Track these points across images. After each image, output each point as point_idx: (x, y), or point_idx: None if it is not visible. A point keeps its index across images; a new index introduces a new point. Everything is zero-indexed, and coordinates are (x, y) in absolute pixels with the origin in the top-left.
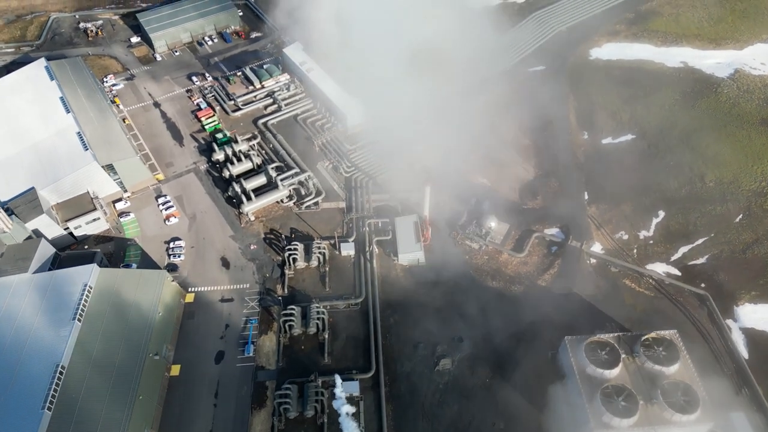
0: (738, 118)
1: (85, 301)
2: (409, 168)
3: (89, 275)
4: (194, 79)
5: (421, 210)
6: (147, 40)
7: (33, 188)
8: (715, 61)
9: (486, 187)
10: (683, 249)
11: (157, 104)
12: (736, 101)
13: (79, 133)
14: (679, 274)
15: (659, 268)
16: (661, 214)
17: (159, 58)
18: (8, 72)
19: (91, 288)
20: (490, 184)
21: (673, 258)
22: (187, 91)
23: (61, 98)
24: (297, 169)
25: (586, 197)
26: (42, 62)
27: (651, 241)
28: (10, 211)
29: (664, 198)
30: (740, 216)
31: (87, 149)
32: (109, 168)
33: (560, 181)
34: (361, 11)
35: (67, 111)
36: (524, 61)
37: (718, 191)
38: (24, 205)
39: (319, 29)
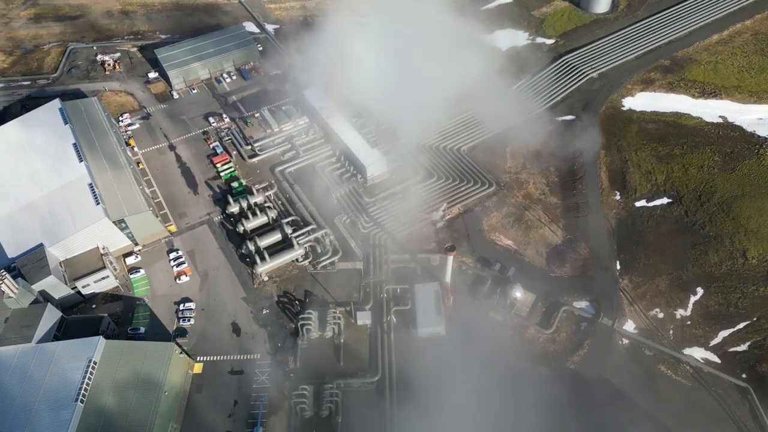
0: None
1: (89, 379)
2: (430, 225)
3: (94, 349)
4: (211, 119)
5: (443, 276)
6: (164, 76)
7: (42, 245)
8: (756, 116)
9: (511, 249)
10: (723, 333)
11: (172, 147)
12: None
13: (91, 184)
14: (719, 361)
15: (697, 354)
16: (700, 291)
17: (176, 96)
18: (23, 108)
19: (95, 364)
20: (515, 247)
21: (712, 343)
22: (204, 132)
23: (75, 145)
24: (313, 225)
25: (618, 267)
26: (56, 103)
27: (688, 322)
28: (16, 271)
29: (702, 273)
30: None
31: (99, 203)
32: (121, 222)
33: (591, 248)
34: (384, 56)
35: (80, 159)
36: (553, 108)
37: (762, 270)
38: (31, 264)
39: (341, 72)
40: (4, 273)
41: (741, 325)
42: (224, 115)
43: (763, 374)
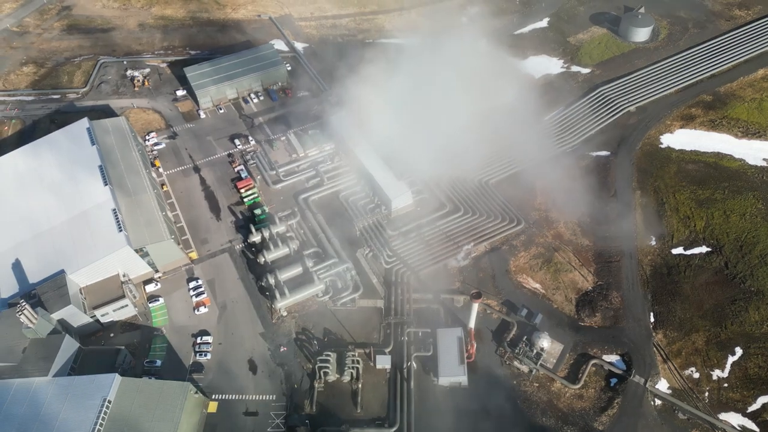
0: None
1: (102, 418)
2: (455, 262)
3: (109, 387)
4: (237, 142)
5: (467, 321)
6: (192, 94)
7: (63, 273)
8: None
9: (539, 293)
10: (763, 399)
11: (197, 168)
12: None
13: (114, 210)
14: (757, 430)
15: (734, 420)
16: (738, 351)
17: (203, 115)
18: (52, 123)
19: (110, 403)
20: (543, 291)
21: (750, 409)
22: (229, 155)
23: (100, 167)
24: (335, 259)
25: (652, 320)
26: (84, 123)
27: (725, 384)
28: (37, 298)
29: (742, 332)
30: None
31: (121, 230)
32: (142, 249)
33: (623, 296)
34: (413, 81)
35: (105, 183)
36: (587, 142)
37: None
38: (52, 291)
39: (370, 100)
40: (24, 304)
41: None
42: (250, 138)
43: None
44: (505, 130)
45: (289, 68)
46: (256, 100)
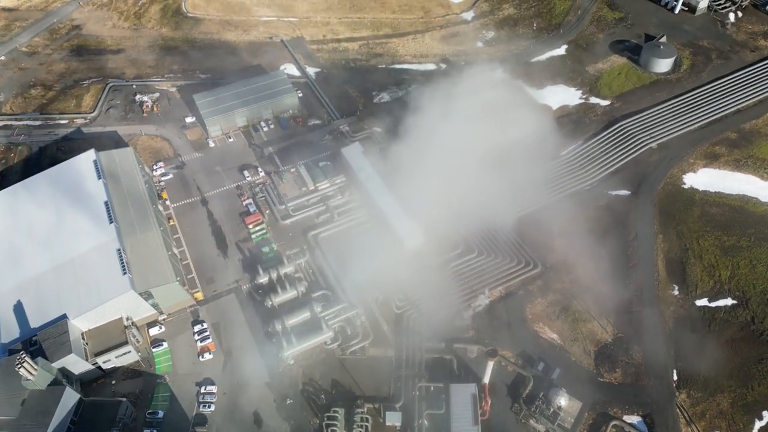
0: None
1: None
2: (469, 309)
3: None
4: (246, 173)
5: (481, 376)
6: (201, 122)
7: (65, 317)
8: None
9: (556, 345)
10: None
11: (204, 201)
12: None
13: (119, 250)
14: None
15: None
16: (766, 416)
17: (212, 144)
18: (58, 150)
19: None
20: (561, 342)
21: None
22: (237, 187)
23: (106, 203)
24: (344, 303)
25: (675, 378)
26: (91, 155)
27: None
28: (37, 344)
29: None
30: None
31: (125, 272)
32: (147, 292)
33: (644, 351)
34: (427, 116)
35: (110, 221)
36: (606, 181)
37: None
38: (53, 339)
39: (382, 132)
40: (24, 355)
41: None
42: (259, 169)
43: None
44: (521, 166)
45: (300, 95)
46: (266, 129)
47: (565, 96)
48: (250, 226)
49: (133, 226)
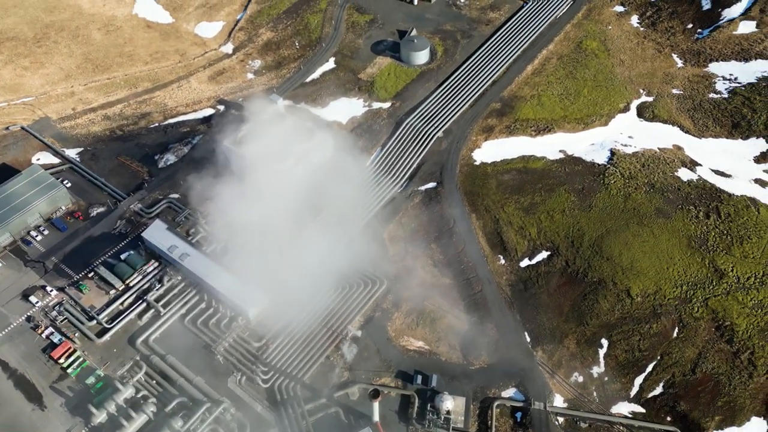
0: (635, 214)
1: None
2: (336, 353)
3: None
4: (33, 299)
5: (370, 415)
6: None
7: None
8: (588, 143)
9: (425, 351)
10: (638, 380)
11: None
12: (626, 192)
13: None
14: (644, 410)
15: (623, 408)
16: (605, 343)
17: None
18: None
19: None
20: (428, 347)
21: (632, 393)
22: (28, 319)
23: None
24: (207, 403)
25: (528, 339)
26: None
27: (606, 378)
28: None
29: (601, 324)
30: (676, 330)
31: None
32: None
33: (497, 326)
34: (227, 166)
35: None
36: (413, 179)
37: (648, 306)
38: None
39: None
40: None
41: (649, 368)
42: (48, 288)
43: (683, 413)
44: (333, 188)
45: (69, 185)
46: (39, 237)
47: (349, 108)
48: (62, 360)
49: None
